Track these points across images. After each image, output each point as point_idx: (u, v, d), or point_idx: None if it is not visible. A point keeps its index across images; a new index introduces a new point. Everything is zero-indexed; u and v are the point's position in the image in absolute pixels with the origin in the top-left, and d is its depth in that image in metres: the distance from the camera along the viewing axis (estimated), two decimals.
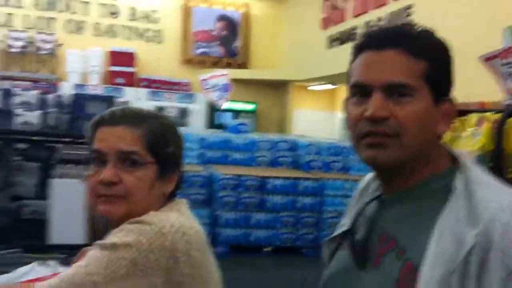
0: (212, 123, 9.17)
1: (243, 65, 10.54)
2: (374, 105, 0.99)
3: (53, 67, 9.40)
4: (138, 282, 1.17)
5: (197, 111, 9.22)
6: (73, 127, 3.25)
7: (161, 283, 1.18)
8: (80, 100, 3.31)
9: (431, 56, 1.00)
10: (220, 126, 7.74)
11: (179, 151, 1.36)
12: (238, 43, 10.60)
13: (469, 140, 2.22)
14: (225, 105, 7.71)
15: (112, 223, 1.31)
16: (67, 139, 3.98)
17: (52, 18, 9.68)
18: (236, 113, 9.77)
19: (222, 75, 7.67)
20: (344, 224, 1.19)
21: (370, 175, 1.20)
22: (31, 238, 2.99)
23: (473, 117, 2.28)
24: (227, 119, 8.79)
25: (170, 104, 9.14)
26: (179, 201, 1.37)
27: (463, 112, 2.41)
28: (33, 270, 1.66)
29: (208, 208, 6.09)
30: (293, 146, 6.98)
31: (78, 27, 9.79)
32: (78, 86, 8.69)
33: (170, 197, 1.34)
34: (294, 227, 6.11)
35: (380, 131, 0.99)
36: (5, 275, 1.66)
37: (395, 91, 0.99)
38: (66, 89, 8.14)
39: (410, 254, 0.95)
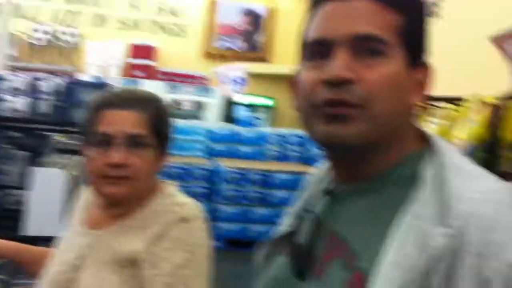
0: (229, 117, 9.14)
1: (265, 60, 10.46)
2: (337, 63, 0.79)
3: (75, 60, 9.57)
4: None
5: (214, 104, 9.20)
6: (65, 115, 3.26)
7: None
8: (73, 87, 3.31)
9: (408, 10, 0.83)
10: (236, 121, 7.69)
11: (172, 132, 1.46)
12: (260, 37, 10.52)
13: (463, 128, 2.07)
14: (242, 99, 7.67)
15: (110, 203, 1.41)
16: (59, 128, 4.02)
17: (78, 12, 9.83)
18: (254, 107, 9.71)
19: (238, 68, 7.64)
20: (286, 224, 1.01)
21: (322, 165, 1.02)
22: (13, 229, 3.01)
23: (469, 104, 2.12)
24: (245, 113, 8.74)
25: (187, 97, 9.16)
26: (168, 181, 1.51)
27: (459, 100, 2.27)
28: None
29: (209, 201, 6.08)
30: (303, 141, 6.88)
31: (102, 21, 9.92)
32: (96, 78, 8.81)
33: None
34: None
35: (342, 99, 0.79)
36: None
37: (364, 47, 0.80)
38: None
39: (362, 261, 0.78)
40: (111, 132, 1.35)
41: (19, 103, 3.10)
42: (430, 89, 0.86)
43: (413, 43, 0.83)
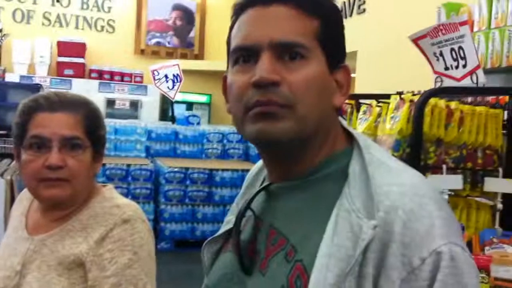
0: (166, 115, 9.01)
1: (198, 56, 10.37)
2: (262, 67, 0.81)
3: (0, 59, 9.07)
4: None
5: (150, 103, 9.03)
6: None
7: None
8: (3, 88, 3.11)
9: (324, 15, 0.86)
10: (173, 119, 7.59)
11: (105, 134, 1.47)
12: (193, 34, 10.42)
13: (388, 124, 2.15)
14: (177, 96, 7.56)
15: (49, 206, 1.41)
16: None
17: None
18: (190, 105, 9.62)
19: (173, 66, 7.51)
20: (229, 221, 1.01)
21: (260, 163, 1.03)
22: None
23: (394, 100, 2.21)
24: (180, 111, 8.64)
25: (122, 96, 8.92)
26: (107, 184, 1.52)
27: (387, 96, 2.35)
28: None
29: (153, 202, 5.96)
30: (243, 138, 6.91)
31: (26, 17, 9.46)
32: (24, 77, 8.39)
33: None
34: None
35: (270, 99, 0.81)
36: None
37: (286, 52, 0.83)
38: (12, 80, 7.86)
39: (301, 254, 0.80)
40: (46, 135, 1.34)
41: None
42: (349, 89, 0.91)
43: (331, 46, 0.87)
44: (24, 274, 1.37)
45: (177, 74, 7.33)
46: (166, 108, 9.15)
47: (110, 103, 8.57)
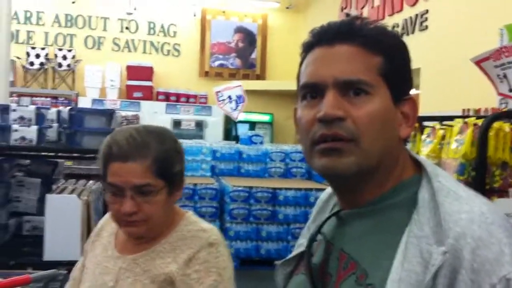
0: (229, 135, 9.18)
1: (260, 77, 10.54)
2: (327, 104, 0.86)
3: (73, 83, 9.57)
4: None
5: (214, 123, 9.23)
6: (72, 142, 3.25)
7: None
8: (79, 114, 3.31)
9: (387, 51, 0.89)
10: (237, 138, 7.74)
11: (183, 166, 1.53)
12: (255, 55, 10.60)
13: (453, 147, 2.13)
14: (240, 116, 7.70)
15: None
16: (67, 154, 4.01)
17: (72, 35, 9.87)
18: (252, 124, 9.75)
19: (236, 87, 7.67)
20: (301, 244, 1.05)
21: (330, 189, 1.05)
22: (31, 254, 2.98)
23: (457, 124, 2.19)
24: (243, 130, 8.78)
25: (187, 117, 9.18)
26: (188, 211, 1.60)
27: (450, 118, 2.33)
28: None
29: (218, 220, 6.07)
30: None
31: (97, 43, 9.96)
32: (96, 100, 8.82)
33: None
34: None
35: (335, 134, 0.86)
36: None
37: (350, 89, 0.87)
38: (85, 104, 8.28)
39: (372, 278, 0.83)
40: (119, 184, 1.43)
41: (26, 132, 3.10)
42: (415, 120, 0.93)
43: (395, 80, 0.89)
44: None
45: (240, 95, 7.48)
46: (229, 128, 9.33)
47: (177, 123, 8.84)
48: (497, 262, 0.74)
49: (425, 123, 2.57)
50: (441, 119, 2.41)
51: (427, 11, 6.09)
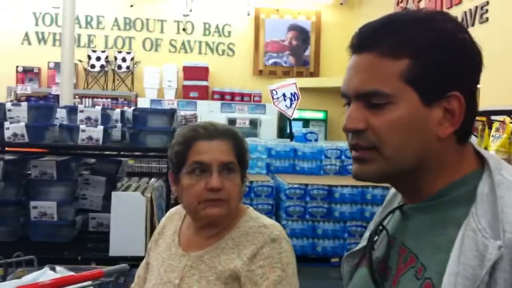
0: (283, 133, 9.21)
1: (314, 74, 10.51)
2: (347, 117, 0.92)
3: (131, 84, 9.87)
4: None
5: (268, 121, 9.29)
6: (135, 141, 3.37)
7: None
8: (142, 114, 3.42)
9: (414, 52, 0.87)
10: (291, 136, 7.76)
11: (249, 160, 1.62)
12: (308, 52, 10.58)
13: None
14: (295, 114, 7.72)
15: (204, 225, 1.55)
16: (131, 153, 4.16)
17: (131, 37, 10.17)
18: (307, 121, 9.75)
19: (290, 85, 7.68)
20: (366, 237, 1.07)
21: None
22: (96, 250, 3.11)
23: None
24: (297, 128, 8.79)
25: (242, 115, 9.29)
26: (249, 207, 1.64)
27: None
28: (44, 274, 1.80)
29: (274, 218, 6.12)
30: None
31: (154, 45, 10.22)
32: (154, 101, 9.07)
33: None
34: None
35: (357, 144, 0.90)
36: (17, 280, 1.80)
37: (370, 99, 0.89)
38: (143, 105, 8.52)
39: (430, 272, 0.84)
40: (207, 160, 1.48)
41: (93, 132, 3.23)
42: (461, 117, 0.89)
43: (426, 81, 0.87)
44: (183, 287, 1.52)
45: (295, 93, 7.49)
46: (283, 126, 9.36)
47: (231, 122, 8.96)
48: None
49: (494, 118, 2.50)
50: (510, 112, 2.33)
51: (487, 3, 5.92)
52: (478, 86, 0.95)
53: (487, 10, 5.88)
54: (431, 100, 0.88)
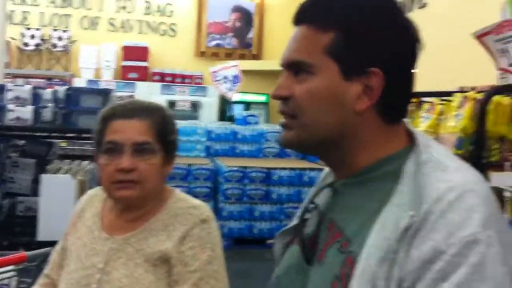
0: (224, 116, 9.18)
1: (257, 56, 10.48)
2: (278, 84, 0.94)
3: (67, 64, 9.54)
4: None
5: (209, 103, 9.23)
6: (68, 122, 3.27)
7: None
8: (75, 94, 3.31)
9: (340, 25, 0.89)
10: (232, 119, 7.75)
11: (177, 139, 1.57)
12: (251, 34, 10.55)
13: (451, 122, 2.14)
14: (236, 97, 7.71)
15: (125, 207, 1.51)
16: (62, 134, 4.03)
17: (67, 15, 9.80)
18: (248, 104, 9.75)
19: (232, 67, 7.66)
20: (297, 216, 1.09)
21: None
22: (24, 235, 3.02)
23: (457, 98, 2.20)
24: (239, 111, 8.78)
25: (182, 97, 9.18)
26: (175, 188, 1.61)
27: (448, 94, 2.33)
28: None
29: (212, 201, 6.12)
30: None
31: (92, 23, 9.90)
32: (91, 81, 8.80)
33: None
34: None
35: (282, 111, 0.94)
36: None
37: (296, 69, 0.92)
38: (79, 85, 8.26)
39: (353, 246, 0.85)
40: (119, 140, 1.45)
41: (22, 112, 3.11)
42: (379, 92, 0.90)
43: (347, 55, 0.89)
44: (108, 271, 1.47)
45: (236, 75, 7.48)
46: (224, 109, 9.32)
47: (172, 104, 8.83)
48: (461, 225, 0.75)
49: (424, 99, 2.57)
50: (439, 94, 2.41)
51: None
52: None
53: None
54: (351, 74, 0.89)
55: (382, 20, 0.90)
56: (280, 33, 10.24)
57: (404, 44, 0.92)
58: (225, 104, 9.18)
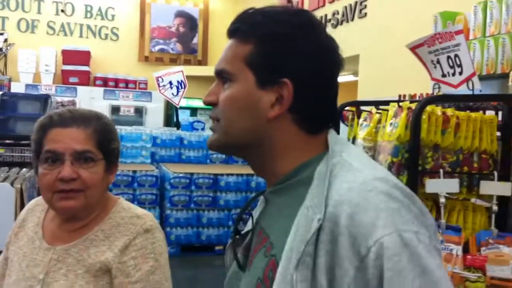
0: (170, 121, 9.09)
1: (202, 62, 10.46)
2: (208, 91, 1.02)
3: (5, 68, 9.17)
4: None
5: (155, 109, 9.11)
6: (4, 128, 3.14)
7: None
8: (12, 100, 3.19)
9: (258, 38, 0.96)
10: (178, 124, 7.68)
11: (119, 147, 1.56)
12: (196, 40, 10.51)
13: (388, 131, 2.20)
14: (182, 102, 7.63)
15: (67, 217, 1.47)
16: (0, 141, 3.87)
17: (4, 17, 9.44)
18: (194, 110, 9.70)
19: (177, 72, 7.58)
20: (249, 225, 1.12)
21: None
22: None
23: (392, 108, 2.27)
24: (185, 117, 8.72)
25: (126, 102, 9.01)
26: (120, 197, 1.59)
27: (386, 103, 2.40)
28: None
29: (158, 208, 6.03)
30: None
31: (30, 26, 9.57)
32: (30, 86, 8.50)
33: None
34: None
35: (210, 116, 1.03)
36: None
37: (222, 77, 1.00)
38: (18, 90, 7.97)
39: (276, 249, 0.90)
40: (58, 149, 1.41)
41: None
42: (289, 102, 0.94)
43: (263, 66, 0.96)
44: (48, 282, 1.43)
45: (181, 81, 7.41)
46: (170, 114, 9.23)
47: (115, 110, 8.66)
48: (372, 226, 0.78)
49: (363, 108, 2.64)
50: (377, 103, 2.48)
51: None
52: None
53: (365, 6, 6.18)
54: (265, 83, 0.95)
55: (295, 35, 0.96)
56: (225, 40, 10.22)
57: (316, 59, 0.96)
58: (171, 110, 9.10)
